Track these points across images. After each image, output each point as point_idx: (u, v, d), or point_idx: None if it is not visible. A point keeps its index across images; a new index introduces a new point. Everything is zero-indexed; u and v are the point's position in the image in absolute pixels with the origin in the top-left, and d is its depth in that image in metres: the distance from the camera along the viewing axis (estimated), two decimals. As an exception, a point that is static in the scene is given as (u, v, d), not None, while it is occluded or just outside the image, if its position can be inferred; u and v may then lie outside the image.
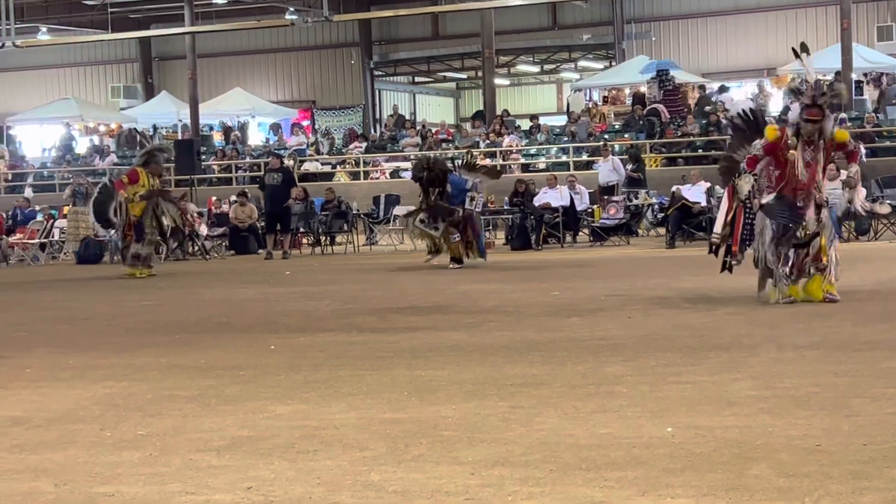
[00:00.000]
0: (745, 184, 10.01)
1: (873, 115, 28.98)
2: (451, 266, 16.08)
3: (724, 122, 28.22)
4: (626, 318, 9.48)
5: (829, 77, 28.49)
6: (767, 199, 9.83)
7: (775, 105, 33.23)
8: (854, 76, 29.87)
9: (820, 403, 5.46)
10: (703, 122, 29.61)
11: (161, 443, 5.15)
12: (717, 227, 10.45)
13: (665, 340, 8.03)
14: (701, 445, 4.65)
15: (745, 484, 4.07)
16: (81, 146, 37.88)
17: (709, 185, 20.80)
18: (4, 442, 5.32)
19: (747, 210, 10.01)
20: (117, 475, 4.60)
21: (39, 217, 25.44)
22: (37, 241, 23.94)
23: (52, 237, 24.70)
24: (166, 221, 16.93)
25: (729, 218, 10.20)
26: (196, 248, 22.82)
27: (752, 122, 10.67)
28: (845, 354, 7.04)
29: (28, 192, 29.30)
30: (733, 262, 10.27)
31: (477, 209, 16.89)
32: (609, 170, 24.28)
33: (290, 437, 5.13)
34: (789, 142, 9.84)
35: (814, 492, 3.94)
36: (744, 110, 11.18)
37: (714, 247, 10.46)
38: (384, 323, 9.96)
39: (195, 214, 20.72)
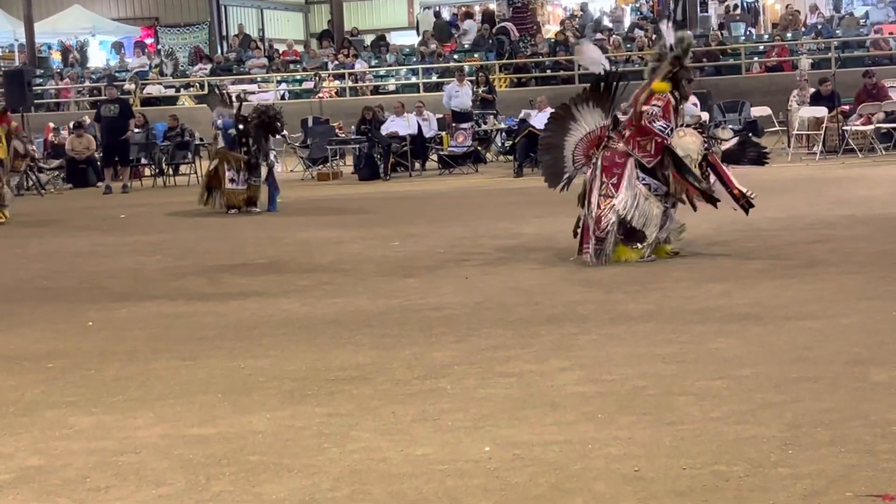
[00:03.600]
0: (690, 136, 9.60)
1: (717, 32, 29.14)
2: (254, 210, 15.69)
3: (572, 41, 28.12)
4: (464, 278, 9.25)
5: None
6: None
7: (627, 21, 33.28)
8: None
9: (644, 405, 5.28)
10: (552, 40, 29.45)
11: (-59, 478, 4.73)
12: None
13: (499, 310, 7.82)
14: (517, 472, 4.42)
15: (558, 526, 3.87)
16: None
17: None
18: None
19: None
20: None
21: None
22: None
23: None
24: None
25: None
26: (31, 182, 21.90)
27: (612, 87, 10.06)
28: (676, 329, 6.90)
29: None
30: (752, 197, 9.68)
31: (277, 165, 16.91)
32: (468, 94, 22.96)
33: (84, 467, 4.75)
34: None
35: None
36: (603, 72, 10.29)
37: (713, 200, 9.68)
38: (214, 287, 9.55)
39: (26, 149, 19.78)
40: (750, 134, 14.72)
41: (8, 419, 5.61)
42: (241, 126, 15.74)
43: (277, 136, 16.70)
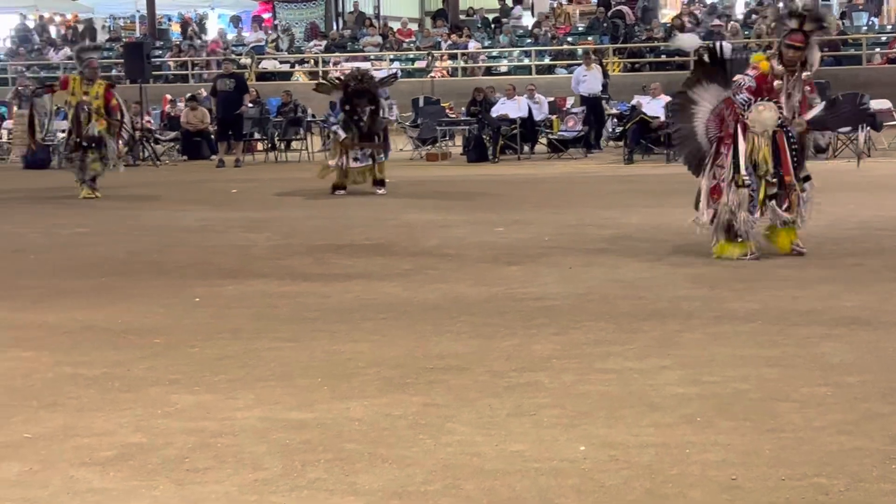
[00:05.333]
0: (769, 111, 9.31)
1: (839, 21, 28.45)
2: (381, 191, 15.40)
3: (689, 26, 27.74)
4: (568, 268, 9.19)
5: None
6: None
7: (740, 8, 32.72)
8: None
9: (745, 409, 5.19)
10: (668, 25, 29.10)
11: (46, 451, 4.83)
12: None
13: (602, 302, 7.75)
14: (612, 474, 4.38)
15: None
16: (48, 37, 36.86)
17: (669, 98, 20.40)
18: None
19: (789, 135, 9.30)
20: (-11, 501, 4.30)
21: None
22: (-18, 143, 23.37)
23: (0, 139, 24.13)
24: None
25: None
26: (147, 153, 22.32)
27: (719, 60, 9.94)
28: (782, 331, 6.77)
29: (-26, 92, 28.52)
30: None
31: (392, 116, 16.50)
32: (597, 78, 22.51)
33: (184, 447, 4.82)
34: (776, 71, 9.33)
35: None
36: (712, 45, 10.19)
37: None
38: (319, 267, 9.64)
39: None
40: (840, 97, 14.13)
41: (112, 394, 5.72)
42: (346, 106, 15.63)
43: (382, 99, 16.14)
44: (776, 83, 9.26)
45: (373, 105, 15.37)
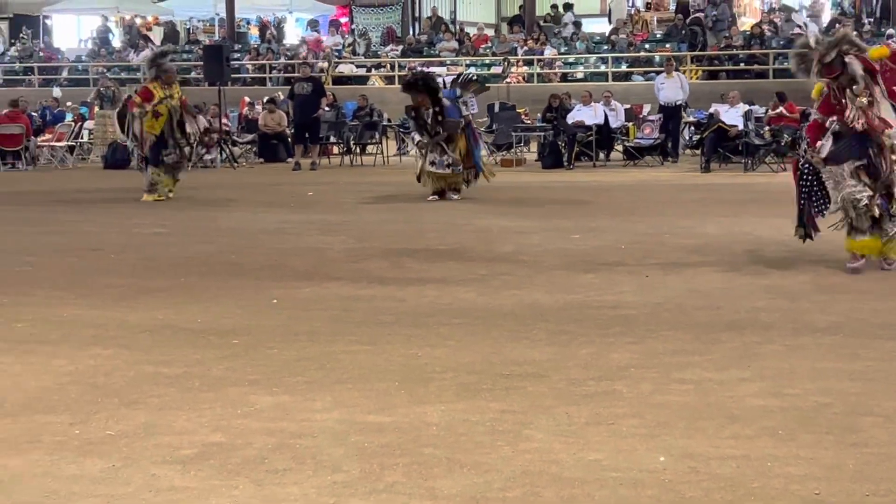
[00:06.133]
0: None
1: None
2: (453, 197, 15.24)
3: (768, 34, 27.48)
4: (644, 276, 9.13)
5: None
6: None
7: (826, 16, 32.30)
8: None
9: (828, 422, 5.12)
10: (747, 33, 28.80)
11: (128, 448, 4.90)
12: None
13: (679, 312, 7.69)
14: (693, 486, 4.34)
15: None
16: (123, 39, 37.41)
17: (748, 107, 20.25)
18: (-32, 438, 5.10)
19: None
20: (72, 496, 4.36)
21: (68, 118, 25.21)
22: (64, 143, 23.74)
23: (81, 139, 24.51)
24: (190, 129, 16.29)
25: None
26: (224, 156, 22.55)
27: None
28: (864, 344, 6.67)
29: (56, 92, 28.95)
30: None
31: (473, 110, 15.96)
32: (676, 87, 21.87)
33: (263, 448, 4.86)
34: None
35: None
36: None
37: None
38: (395, 270, 9.66)
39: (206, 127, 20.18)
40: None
41: (193, 394, 5.78)
42: (411, 112, 15.60)
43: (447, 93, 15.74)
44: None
45: (436, 106, 15.20)
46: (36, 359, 6.57)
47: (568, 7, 34.19)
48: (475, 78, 16.89)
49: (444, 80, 16.76)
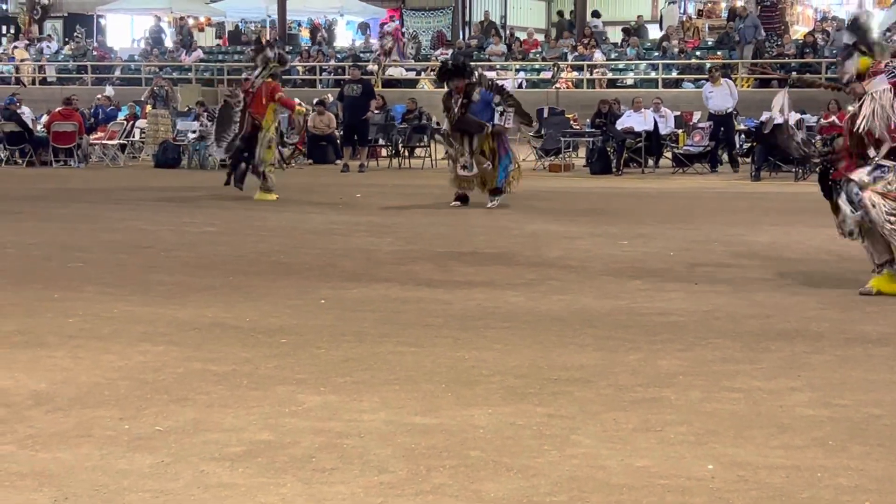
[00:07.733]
0: None
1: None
2: (491, 202, 14.70)
3: (821, 43, 27.26)
4: (693, 284, 9.08)
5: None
6: None
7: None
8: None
9: (878, 434, 5.07)
10: (800, 41, 28.60)
11: (177, 444, 4.93)
12: None
13: (728, 321, 7.64)
14: (741, 494, 4.31)
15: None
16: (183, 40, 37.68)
17: (799, 116, 20.09)
18: (20, 430, 5.15)
19: None
20: (122, 490, 4.39)
21: (121, 117, 25.47)
22: (116, 141, 23.98)
23: (133, 137, 24.74)
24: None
25: None
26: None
27: None
28: (917, 356, 6.61)
29: (109, 90, 29.24)
30: None
31: (508, 125, 15.07)
32: (725, 94, 21.52)
33: (311, 447, 4.88)
34: None
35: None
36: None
37: None
38: (442, 273, 9.67)
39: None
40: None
41: (241, 391, 5.81)
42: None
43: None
44: None
45: (465, 98, 14.78)
46: (87, 354, 6.63)
47: (596, 14, 34.12)
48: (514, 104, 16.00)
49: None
